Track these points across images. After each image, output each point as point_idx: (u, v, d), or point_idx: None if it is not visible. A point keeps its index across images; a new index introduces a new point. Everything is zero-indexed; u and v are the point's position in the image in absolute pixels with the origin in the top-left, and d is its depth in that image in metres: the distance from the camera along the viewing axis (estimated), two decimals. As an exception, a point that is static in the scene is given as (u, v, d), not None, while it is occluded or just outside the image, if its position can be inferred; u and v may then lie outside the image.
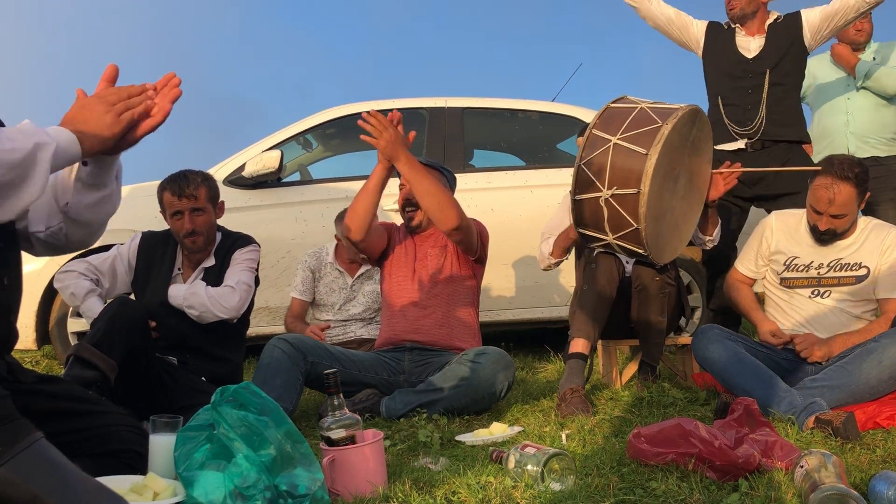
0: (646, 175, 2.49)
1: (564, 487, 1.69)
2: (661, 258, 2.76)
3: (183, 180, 2.68)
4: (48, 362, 4.30)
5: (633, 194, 2.52)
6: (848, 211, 2.58)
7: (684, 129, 2.65)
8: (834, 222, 2.59)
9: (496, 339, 4.76)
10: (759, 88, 3.40)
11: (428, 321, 2.87)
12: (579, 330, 2.78)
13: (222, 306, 2.62)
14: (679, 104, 2.67)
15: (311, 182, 4.42)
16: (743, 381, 2.43)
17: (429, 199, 2.70)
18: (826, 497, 1.42)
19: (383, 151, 2.63)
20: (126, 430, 1.79)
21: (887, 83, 3.84)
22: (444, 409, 2.61)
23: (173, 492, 1.56)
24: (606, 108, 2.70)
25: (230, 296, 2.64)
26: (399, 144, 2.64)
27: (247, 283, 2.71)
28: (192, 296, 2.62)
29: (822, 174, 2.60)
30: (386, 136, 2.60)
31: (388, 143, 2.61)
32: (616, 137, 2.58)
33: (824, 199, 2.57)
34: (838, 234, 2.63)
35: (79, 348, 2.28)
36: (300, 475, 1.58)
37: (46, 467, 1.33)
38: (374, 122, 2.59)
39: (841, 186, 2.54)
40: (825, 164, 2.63)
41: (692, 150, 2.76)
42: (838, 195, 2.54)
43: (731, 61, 3.47)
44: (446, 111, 4.39)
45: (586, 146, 2.62)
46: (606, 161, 2.58)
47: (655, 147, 2.49)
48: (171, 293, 2.65)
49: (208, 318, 2.63)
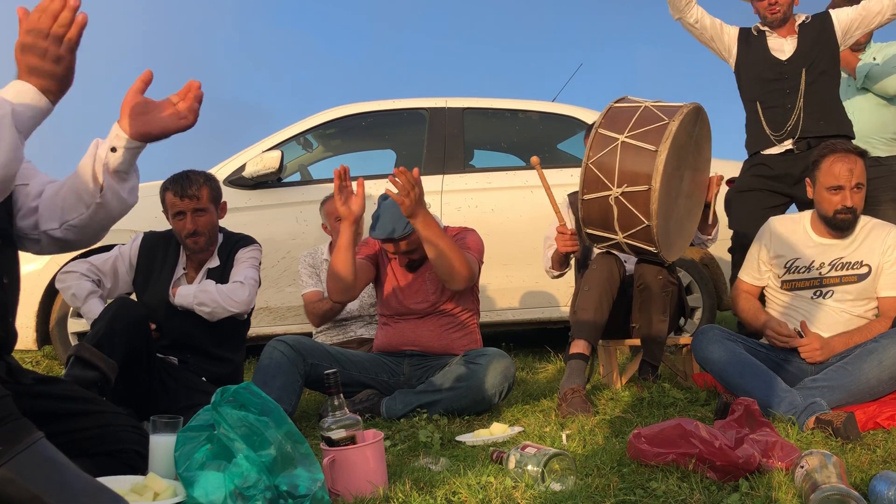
0: (657, 171, 2.48)
1: (565, 488, 1.69)
2: (670, 255, 2.76)
3: (185, 181, 2.68)
4: (49, 363, 4.30)
5: (644, 191, 2.51)
6: (864, 182, 2.60)
7: (689, 127, 2.65)
8: (856, 197, 2.60)
9: (496, 339, 4.76)
10: (796, 89, 3.39)
11: (425, 331, 2.86)
12: (580, 331, 2.78)
13: (233, 300, 2.63)
14: (681, 103, 2.68)
15: (311, 182, 4.42)
16: (743, 382, 2.43)
17: (440, 261, 2.65)
18: (826, 497, 1.42)
19: (408, 209, 2.57)
20: (126, 431, 1.79)
21: (887, 84, 3.84)
22: (445, 409, 2.61)
23: (174, 492, 1.56)
24: (610, 108, 2.71)
25: (240, 290, 2.66)
26: (422, 204, 2.60)
27: (254, 277, 2.73)
28: (203, 293, 2.63)
29: (829, 153, 2.62)
30: (413, 195, 2.55)
31: (413, 200, 2.56)
32: (623, 136, 2.58)
33: (845, 170, 2.57)
34: (856, 217, 2.63)
35: (79, 349, 2.28)
36: (301, 475, 1.58)
37: (47, 467, 1.34)
38: (404, 180, 2.53)
39: (853, 157, 2.58)
40: (826, 148, 2.66)
41: (695, 149, 2.77)
42: (855, 165, 2.58)
43: (766, 65, 3.45)
44: (447, 111, 4.39)
45: (593, 146, 2.62)
46: (615, 159, 2.57)
47: (665, 144, 2.49)
48: (179, 293, 2.66)
49: (220, 313, 2.63)
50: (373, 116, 4.52)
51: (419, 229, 2.62)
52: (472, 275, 2.71)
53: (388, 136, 4.82)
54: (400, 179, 2.54)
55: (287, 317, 4.07)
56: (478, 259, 2.83)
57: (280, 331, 3.98)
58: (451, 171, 4.26)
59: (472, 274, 2.72)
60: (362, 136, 4.81)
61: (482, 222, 3.98)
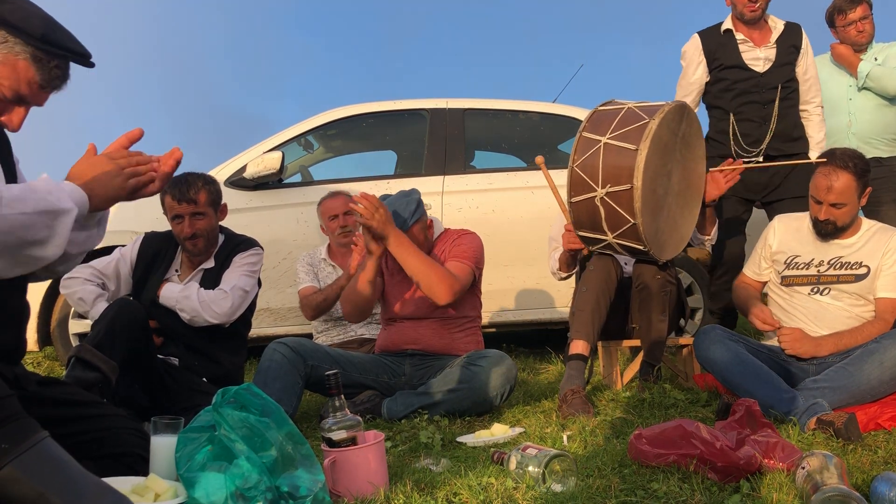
0: (637, 169, 2.54)
1: (566, 489, 1.69)
2: (662, 254, 2.77)
3: (184, 184, 2.68)
4: (50, 363, 4.30)
5: (627, 190, 2.57)
6: (847, 200, 2.59)
7: (673, 125, 2.69)
8: (833, 212, 2.60)
9: (497, 340, 4.76)
10: (771, 103, 3.39)
11: (427, 331, 2.86)
12: (578, 331, 2.78)
13: (213, 311, 2.61)
14: (665, 101, 2.71)
15: (312, 183, 4.42)
16: (745, 382, 2.43)
17: (419, 277, 2.68)
18: (828, 498, 1.42)
19: (376, 230, 2.60)
20: (128, 434, 1.79)
21: (888, 84, 3.83)
22: (445, 411, 2.61)
23: (175, 493, 1.55)
24: (595, 112, 2.79)
25: (222, 301, 2.62)
26: (390, 223, 2.63)
27: (243, 287, 2.68)
28: (184, 299, 2.61)
29: (823, 163, 2.63)
30: (378, 216, 2.59)
31: (380, 222, 2.59)
32: (605, 137, 2.65)
33: (823, 186, 2.59)
34: (839, 228, 2.64)
35: (80, 350, 2.28)
36: (301, 476, 1.58)
37: (52, 465, 1.35)
38: (366, 203, 2.58)
39: (839, 174, 2.56)
40: (826, 155, 2.66)
41: (683, 146, 2.79)
42: (836, 182, 2.56)
43: (741, 77, 3.44)
44: (447, 112, 4.39)
45: (577, 149, 2.69)
46: (598, 161, 2.64)
47: (644, 142, 2.55)
48: (163, 293, 2.65)
49: (199, 322, 2.62)
50: (373, 117, 4.52)
51: (392, 249, 2.66)
52: (452, 291, 2.70)
53: (389, 137, 4.82)
54: (362, 203, 2.57)
55: (288, 318, 4.07)
56: (472, 267, 2.83)
57: (281, 332, 3.98)
58: (452, 172, 4.26)
59: (453, 290, 2.71)
60: (363, 137, 4.81)
61: (483, 223, 3.98)
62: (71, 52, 1.57)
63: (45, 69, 1.54)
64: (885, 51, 3.96)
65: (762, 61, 3.43)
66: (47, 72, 1.55)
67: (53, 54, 1.54)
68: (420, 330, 2.86)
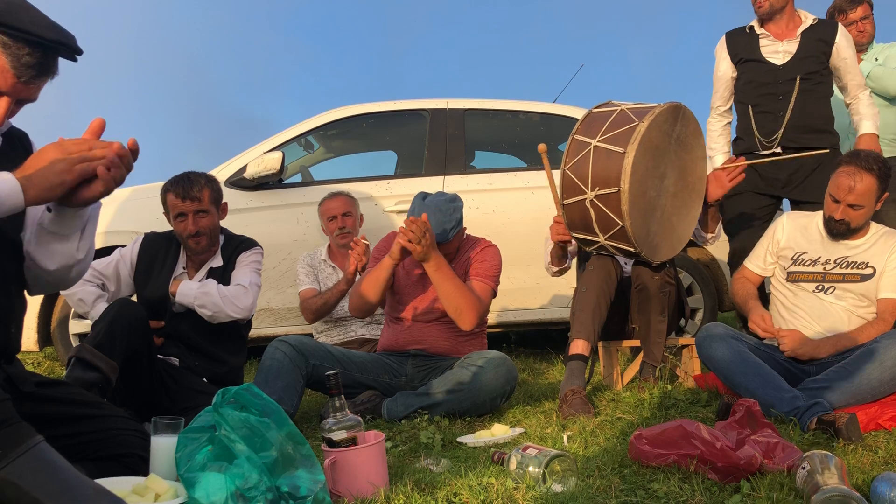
0: (624, 172, 2.55)
1: (566, 489, 1.69)
2: (654, 256, 2.78)
3: (187, 182, 2.69)
4: (50, 364, 4.30)
5: (615, 193, 2.58)
6: (865, 203, 2.59)
7: (665, 126, 2.69)
8: (850, 213, 2.60)
9: (498, 340, 4.76)
10: (788, 95, 3.38)
11: (434, 334, 2.86)
12: (578, 331, 2.79)
13: (236, 306, 2.62)
14: (658, 103, 2.71)
15: (312, 183, 4.42)
16: (746, 381, 2.44)
17: (449, 301, 2.71)
18: (828, 499, 1.42)
19: (419, 255, 2.65)
20: (129, 435, 1.79)
21: (889, 84, 3.84)
22: (446, 412, 2.61)
23: (175, 493, 1.55)
24: (589, 114, 2.81)
25: (244, 296, 2.65)
26: (433, 247, 2.67)
27: (257, 283, 2.73)
28: (204, 295, 2.61)
29: (846, 163, 2.62)
30: (424, 242, 2.62)
31: (425, 247, 2.63)
32: (596, 140, 2.66)
33: (845, 186, 2.58)
34: (851, 229, 2.64)
35: (80, 350, 2.28)
36: (302, 476, 1.58)
37: (47, 470, 1.33)
38: (415, 228, 2.61)
39: (863, 176, 2.56)
40: (850, 156, 2.65)
41: (679, 147, 2.79)
42: (859, 184, 2.56)
43: (760, 69, 3.43)
44: (447, 112, 4.39)
45: (569, 152, 2.71)
46: (588, 164, 2.66)
47: (632, 145, 2.56)
48: (180, 291, 2.65)
49: (221, 318, 2.62)
50: (374, 117, 4.52)
51: (429, 271, 2.69)
52: (478, 317, 2.75)
53: (390, 138, 4.82)
54: (412, 228, 2.60)
55: (288, 318, 4.07)
56: (494, 287, 2.87)
57: (281, 332, 3.98)
58: (452, 173, 4.26)
59: (479, 316, 2.76)
60: (363, 138, 4.81)
61: (483, 223, 3.98)
62: (35, 35, 1.44)
63: (13, 57, 1.44)
64: (886, 51, 3.96)
65: (782, 54, 3.41)
66: (17, 59, 1.44)
67: (19, 38, 1.42)
68: (427, 331, 2.86)
